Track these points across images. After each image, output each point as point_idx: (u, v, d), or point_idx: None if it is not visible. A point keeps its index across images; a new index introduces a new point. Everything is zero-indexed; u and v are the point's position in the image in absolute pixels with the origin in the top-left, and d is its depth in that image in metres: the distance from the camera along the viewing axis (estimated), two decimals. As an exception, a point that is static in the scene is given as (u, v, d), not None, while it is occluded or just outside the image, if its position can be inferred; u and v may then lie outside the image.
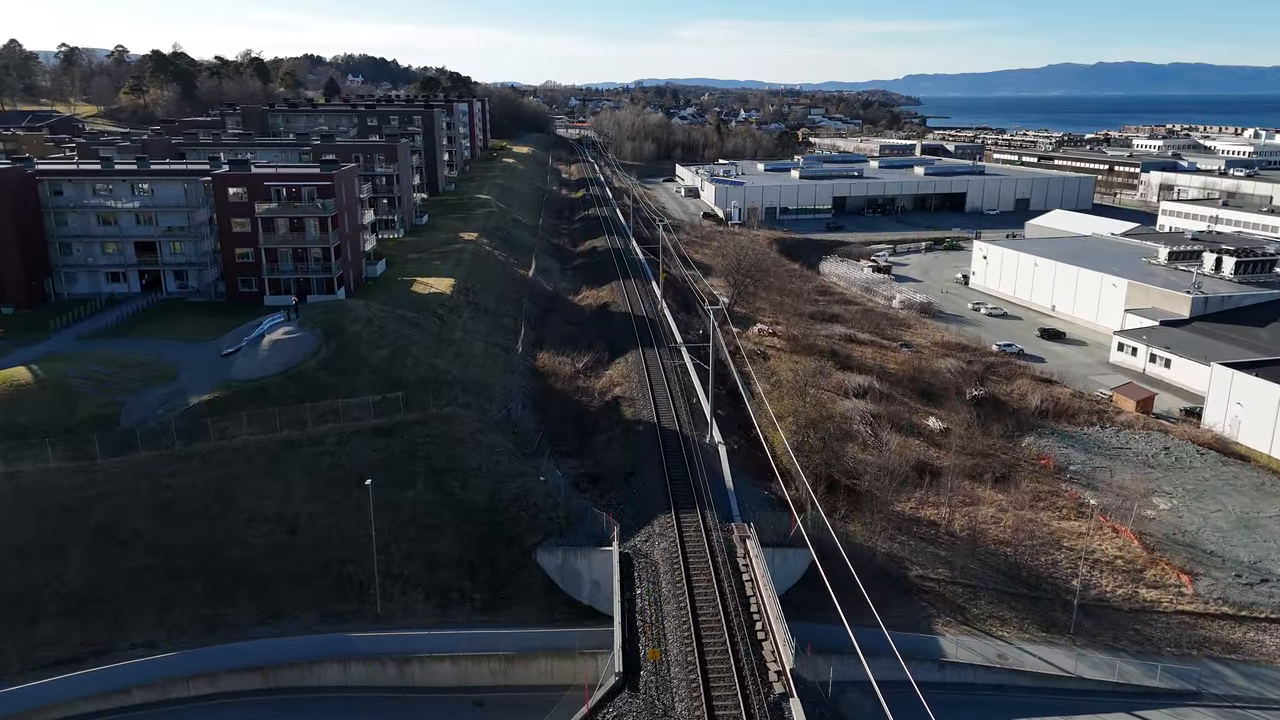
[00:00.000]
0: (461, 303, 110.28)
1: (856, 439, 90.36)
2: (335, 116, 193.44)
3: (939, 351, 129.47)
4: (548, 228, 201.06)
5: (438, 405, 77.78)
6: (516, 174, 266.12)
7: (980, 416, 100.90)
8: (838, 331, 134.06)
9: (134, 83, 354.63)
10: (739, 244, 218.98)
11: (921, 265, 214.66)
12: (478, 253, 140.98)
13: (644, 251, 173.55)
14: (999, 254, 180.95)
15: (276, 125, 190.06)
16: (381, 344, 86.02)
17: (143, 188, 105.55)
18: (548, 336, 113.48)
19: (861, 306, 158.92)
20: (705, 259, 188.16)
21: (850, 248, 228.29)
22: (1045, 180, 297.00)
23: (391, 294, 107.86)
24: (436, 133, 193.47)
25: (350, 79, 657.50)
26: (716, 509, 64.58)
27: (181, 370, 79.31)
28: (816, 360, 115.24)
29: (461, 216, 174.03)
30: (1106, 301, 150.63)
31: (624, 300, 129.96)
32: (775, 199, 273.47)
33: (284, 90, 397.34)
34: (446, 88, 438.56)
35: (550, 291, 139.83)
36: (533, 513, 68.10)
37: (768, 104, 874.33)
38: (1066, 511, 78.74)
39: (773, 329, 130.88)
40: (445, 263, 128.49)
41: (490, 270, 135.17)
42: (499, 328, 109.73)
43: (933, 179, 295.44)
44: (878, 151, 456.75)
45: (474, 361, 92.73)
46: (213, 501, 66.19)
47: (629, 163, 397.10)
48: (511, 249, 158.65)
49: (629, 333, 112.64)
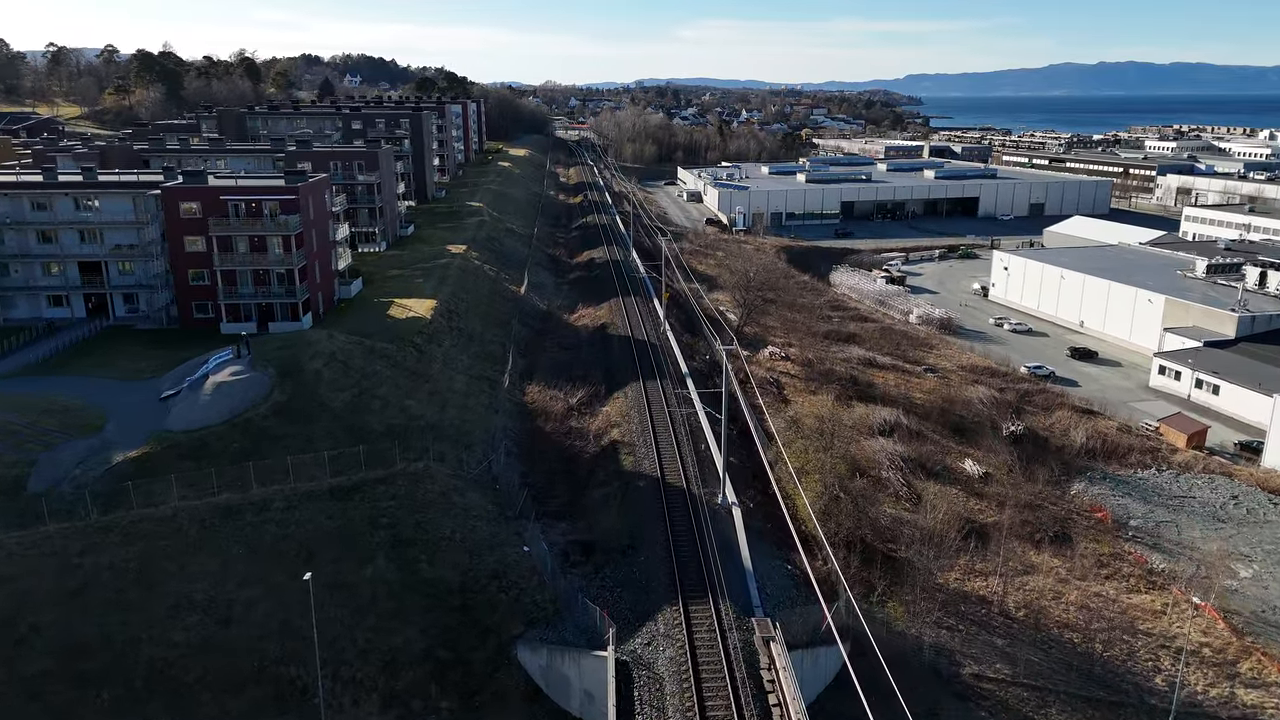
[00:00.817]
0: (443, 328, 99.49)
1: (887, 488, 79.70)
2: (318, 119, 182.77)
3: (967, 377, 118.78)
4: (543, 237, 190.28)
5: (407, 459, 67.10)
6: (512, 178, 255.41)
7: (1021, 457, 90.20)
8: (855, 354, 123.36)
9: (119, 83, 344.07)
10: (745, 254, 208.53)
11: (936, 275, 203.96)
12: (465, 268, 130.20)
13: (645, 264, 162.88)
14: (1021, 265, 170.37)
15: (255, 128, 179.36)
16: (345, 384, 75.22)
17: (88, 202, 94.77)
18: (539, 365, 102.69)
19: (878, 323, 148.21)
20: (710, 270, 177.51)
21: (861, 256, 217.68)
22: (1060, 184, 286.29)
23: (365, 319, 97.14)
24: (425, 136, 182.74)
25: (348, 79, 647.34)
26: (732, 597, 53.80)
27: (110, 418, 68.49)
28: (836, 389, 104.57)
29: (451, 226, 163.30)
30: (1141, 318, 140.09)
31: (623, 321, 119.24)
32: (781, 204, 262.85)
33: (275, 91, 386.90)
34: (442, 88, 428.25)
35: (543, 310, 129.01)
36: (514, 594, 57.38)
37: (769, 104, 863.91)
38: (1135, 581, 67.96)
39: (785, 352, 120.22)
40: (428, 280, 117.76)
41: (478, 288, 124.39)
42: (484, 356, 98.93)
43: (944, 183, 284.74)
44: (883, 153, 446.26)
45: (453, 401, 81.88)
46: (131, 586, 55.43)
47: (629, 165, 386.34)
48: (503, 262, 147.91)
49: (628, 360, 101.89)
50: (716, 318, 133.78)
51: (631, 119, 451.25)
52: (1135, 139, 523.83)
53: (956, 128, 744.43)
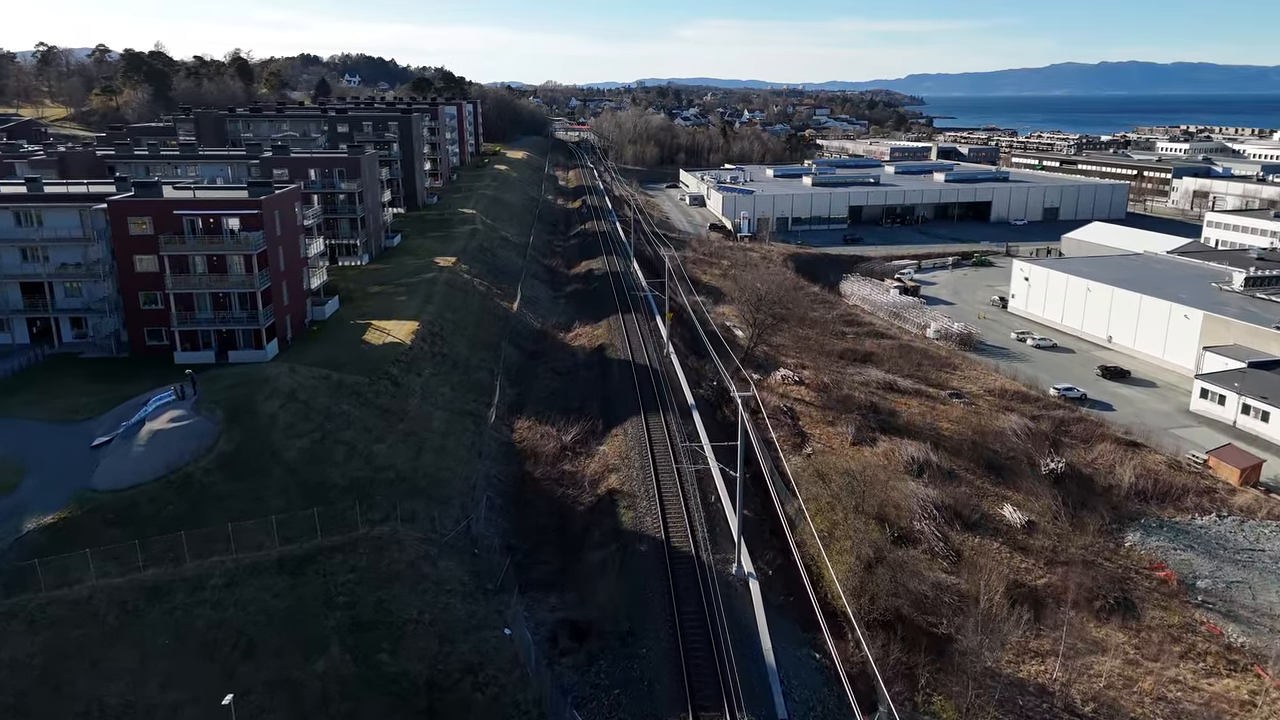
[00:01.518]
0: (424, 354, 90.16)
1: (921, 543, 70.47)
2: (303, 122, 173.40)
3: (996, 403, 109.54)
4: (539, 245, 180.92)
5: (370, 520, 57.90)
6: (508, 183, 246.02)
7: (1066, 501, 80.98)
8: (874, 377, 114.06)
9: (106, 84, 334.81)
10: (751, 262, 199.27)
11: (951, 284, 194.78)
12: (453, 283, 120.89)
13: (647, 275, 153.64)
14: (1043, 275, 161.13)
15: (236, 132, 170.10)
16: (305, 428, 65.88)
17: (31, 216, 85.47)
18: (530, 394, 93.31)
19: (895, 340, 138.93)
20: (715, 281, 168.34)
21: (872, 264, 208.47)
22: (1075, 188, 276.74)
23: (337, 345, 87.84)
24: (415, 140, 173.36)
25: (346, 79, 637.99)
26: (751, 704, 44.60)
27: (30, 473, 59.22)
28: (857, 420, 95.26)
29: (440, 236, 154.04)
30: (1177, 335, 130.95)
31: (623, 341, 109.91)
32: (787, 208, 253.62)
33: (267, 92, 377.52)
34: (439, 89, 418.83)
35: (537, 329, 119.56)
36: (492, 692, 48.24)
37: (771, 104, 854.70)
38: (1214, 661, 58.72)
39: (799, 375, 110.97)
40: (412, 298, 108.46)
41: (466, 305, 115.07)
42: (469, 386, 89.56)
43: (955, 186, 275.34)
44: (889, 155, 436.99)
45: (430, 443, 72.55)
46: (34, 686, 46.28)
47: (630, 167, 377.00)
48: (495, 275, 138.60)
49: (628, 388, 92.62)
50: (723, 338, 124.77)
51: (632, 120, 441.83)
52: (1145, 140, 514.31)
53: (961, 128, 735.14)
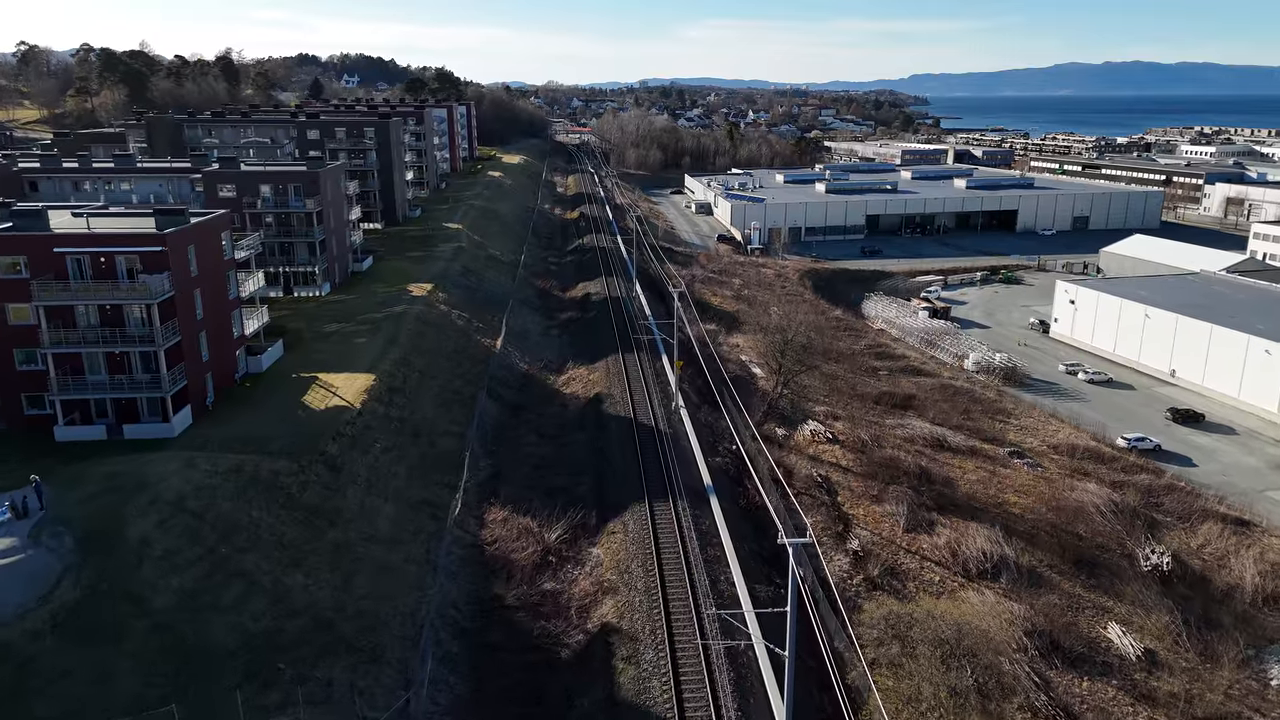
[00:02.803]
0: (377, 420, 72.94)
1: (1016, 693, 53.37)
2: (269, 127, 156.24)
3: (1065, 464, 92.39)
4: (533, 263, 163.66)
5: (264, 707, 40.81)
6: (501, 191, 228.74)
7: (1184, 614, 63.87)
8: (918, 429, 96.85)
9: (80, 84, 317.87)
10: (765, 280, 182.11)
11: (982, 303, 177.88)
12: (426, 317, 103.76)
13: (651, 300, 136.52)
14: (1092, 298, 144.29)
15: (196, 139, 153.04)
16: (189, 556, 48.50)
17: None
18: (509, 467, 75.90)
19: (933, 377, 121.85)
20: (727, 305, 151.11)
21: (895, 281, 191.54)
22: (1107, 196, 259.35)
23: (268, 411, 70.65)
24: (395, 148, 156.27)
25: (345, 80, 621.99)
26: None
27: None
28: (908, 497, 78.03)
29: (420, 256, 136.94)
30: (1256, 372, 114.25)
31: (622, 391, 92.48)
32: (800, 218, 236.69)
33: (252, 93, 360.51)
34: (433, 89, 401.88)
35: (523, 373, 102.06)
36: None
37: (776, 104, 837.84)
38: None
39: (830, 428, 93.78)
40: (374, 339, 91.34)
41: (439, 346, 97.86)
42: (432, 462, 72.25)
43: (978, 194, 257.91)
44: (899, 157, 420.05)
45: (368, 561, 55.15)
46: None
47: (633, 172, 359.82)
48: (478, 304, 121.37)
49: (629, 460, 75.41)
50: (740, 377, 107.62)
51: (635, 122, 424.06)
52: (1165, 142, 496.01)
53: (968, 129, 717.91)
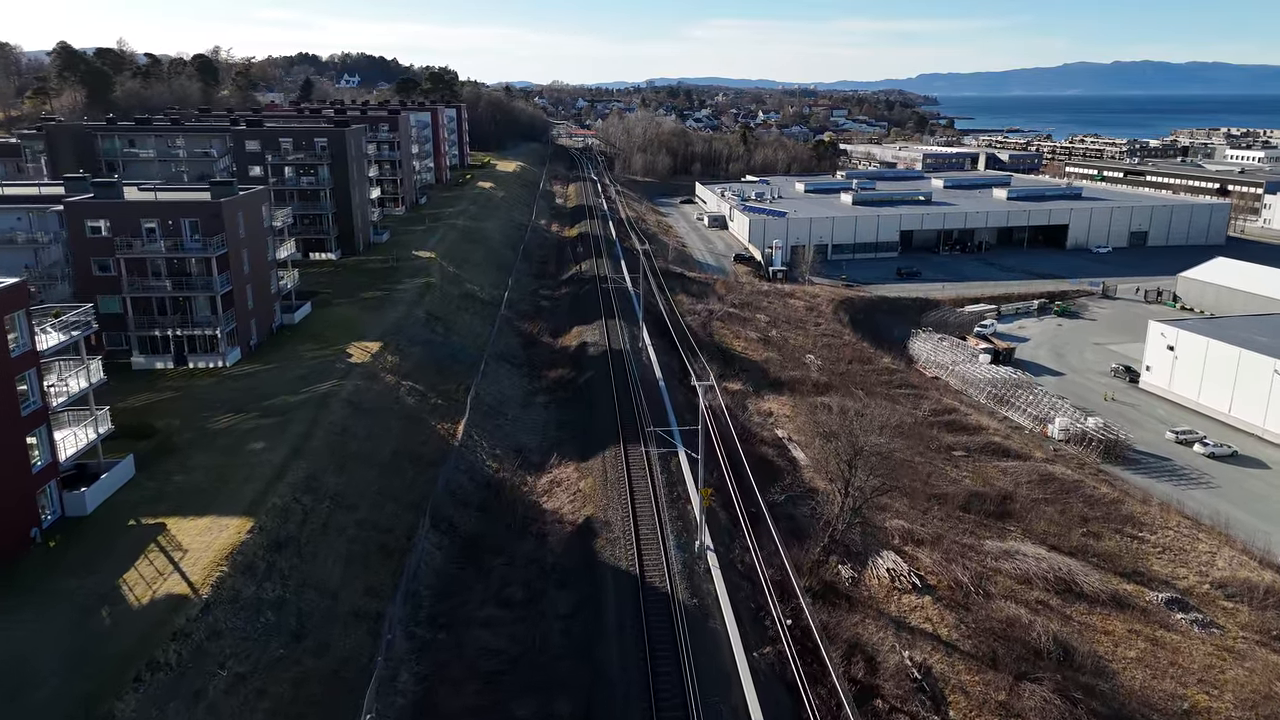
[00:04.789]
0: (235, 616, 46.29)
1: None
2: (202, 137, 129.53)
3: (1251, 622, 65.78)
4: (519, 300, 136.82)
5: None
6: (490, 206, 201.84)
7: None
8: (1032, 563, 69.93)
9: (38, 85, 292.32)
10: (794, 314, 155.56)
11: (1046, 340, 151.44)
12: (362, 399, 77.13)
13: (662, 349, 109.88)
14: (1198, 345, 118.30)
15: (112, 152, 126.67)
16: None
17: None
18: (444, 688, 48.79)
19: (1024, 459, 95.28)
20: (754, 351, 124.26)
21: (942, 313, 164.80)
22: (1167, 209, 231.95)
23: (49, 617, 44.29)
24: (353, 161, 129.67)
25: (344, 80, 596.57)
26: None
27: None
28: (1039, 697, 51.54)
29: (375, 299, 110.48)
30: None
31: (623, 519, 64.90)
32: (826, 233, 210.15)
33: (229, 94, 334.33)
34: (426, 89, 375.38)
35: (489, 476, 74.89)
36: None
37: (786, 105, 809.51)
38: None
39: (913, 563, 67.25)
40: (275, 446, 64.73)
41: (371, 450, 71.10)
42: (315, 692, 45.62)
43: (1023, 207, 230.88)
44: (920, 161, 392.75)
45: None
46: None
47: (639, 179, 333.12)
48: (440, 367, 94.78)
49: (634, 669, 48.74)
50: (781, 465, 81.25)
51: (643, 124, 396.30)
52: (1201, 145, 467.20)
53: (983, 130, 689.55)
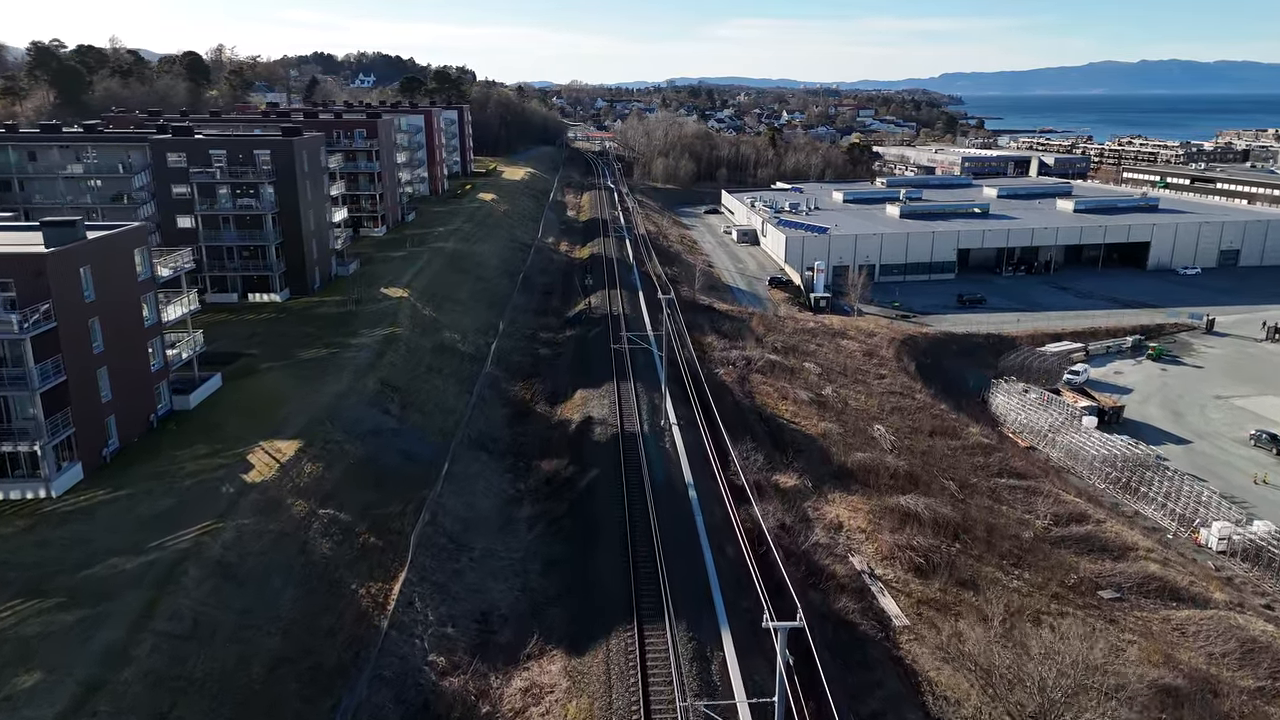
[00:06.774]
0: None
1: None
2: (116, 149, 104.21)
3: None
4: (511, 349, 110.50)
5: None
6: (489, 223, 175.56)
7: None
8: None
9: (8, 84, 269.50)
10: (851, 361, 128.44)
11: (1154, 391, 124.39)
12: (234, 563, 51.36)
13: (689, 431, 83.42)
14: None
15: (7, 167, 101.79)
16: None
17: None
18: None
19: (1201, 607, 68.35)
20: (807, 420, 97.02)
21: (1022, 353, 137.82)
22: (1262, 224, 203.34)
23: None
24: (303, 180, 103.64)
25: (360, 79, 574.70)
26: None
27: None
28: None
29: (316, 360, 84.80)
30: None
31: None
32: (874, 252, 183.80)
33: (218, 94, 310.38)
34: (432, 89, 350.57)
35: (425, 696, 48.67)
36: None
37: (810, 105, 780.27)
38: None
39: None
40: (54, 684, 39.46)
41: (240, 649, 45.42)
42: None
43: (1095, 221, 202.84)
44: (959, 166, 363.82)
45: None
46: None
47: (660, 185, 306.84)
48: (385, 474, 68.76)
49: None
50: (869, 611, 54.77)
51: (664, 126, 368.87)
52: (1261, 148, 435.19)
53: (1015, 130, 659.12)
